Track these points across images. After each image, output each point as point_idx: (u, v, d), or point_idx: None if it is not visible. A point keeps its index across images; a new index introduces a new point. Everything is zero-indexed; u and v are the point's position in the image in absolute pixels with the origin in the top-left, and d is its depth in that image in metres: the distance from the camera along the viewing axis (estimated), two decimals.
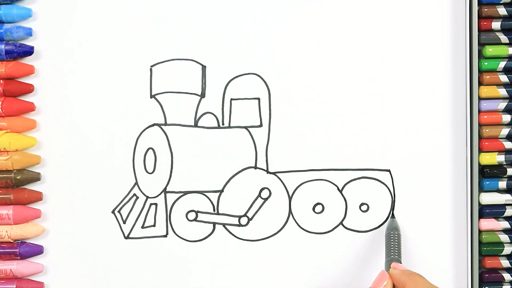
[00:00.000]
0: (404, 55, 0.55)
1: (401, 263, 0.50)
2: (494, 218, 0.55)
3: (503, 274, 0.55)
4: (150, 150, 0.55)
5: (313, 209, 0.55)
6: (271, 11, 0.55)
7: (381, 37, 0.55)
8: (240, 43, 0.55)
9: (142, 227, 0.55)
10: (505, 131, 0.55)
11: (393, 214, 0.55)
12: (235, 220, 0.55)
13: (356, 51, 0.55)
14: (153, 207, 0.55)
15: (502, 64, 0.55)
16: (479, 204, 0.55)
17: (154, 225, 0.55)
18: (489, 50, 0.54)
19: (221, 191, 0.55)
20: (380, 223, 0.55)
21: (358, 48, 0.55)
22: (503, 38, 0.54)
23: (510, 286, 0.55)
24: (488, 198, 0.55)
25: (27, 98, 0.55)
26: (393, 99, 0.55)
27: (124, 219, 0.55)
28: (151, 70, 0.55)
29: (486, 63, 0.55)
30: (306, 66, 0.55)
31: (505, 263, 0.55)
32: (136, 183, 0.55)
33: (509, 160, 0.55)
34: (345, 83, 0.55)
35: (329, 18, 0.55)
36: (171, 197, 0.55)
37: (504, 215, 0.55)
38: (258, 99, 0.55)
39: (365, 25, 0.55)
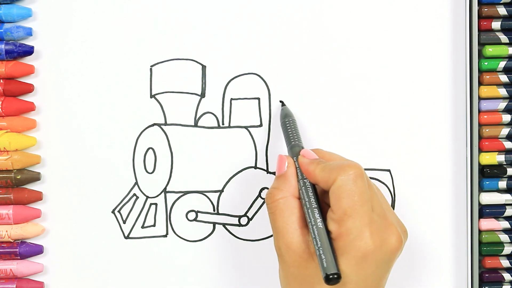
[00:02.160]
0: (404, 55, 0.55)
1: (303, 148, 0.48)
2: (494, 218, 0.55)
3: (503, 274, 0.55)
4: (150, 150, 0.55)
5: None
6: (271, 11, 0.55)
7: (381, 37, 0.55)
8: (240, 43, 0.55)
9: (142, 227, 0.55)
10: (505, 131, 0.55)
11: (283, 102, 0.54)
12: (235, 220, 0.55)
13: (356, 51, 0.55)
14: (153, 207, 0.55)
15: (502, 64, 0.55)
16: (479, 204, 0.55)
17: (154, 225, 0.55)
18: (489, 50, 0.54)
19: (221, 191, 0.55)
20: None
21: (358, 48, 0.55)
22: (503, 38, 0.54)
23: (510, 286, 0.55)
24: (488, 198, 0.55)
25: (27, 98, 0.55)
26: (393, 99, 0.55)
27: (124, 219, 0.55)
28: (151, 70, 0.55)
29: (486, 63, 0.55)
30: (306, 66, 0.55)
31: (505, 263, 0.55)
32: (136, 183, 0.55)
33: (509, 160, 0.55)
34: (345, 83, 0.55)
35: (329, 19, 0.55)
36: (171, 197, 0.55)
37: (504, 215, 0.55)
38: (258, 99, 0.55)
39: (365, 25, 0.55)
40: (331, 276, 0.40)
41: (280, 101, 0.54)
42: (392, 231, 0.43)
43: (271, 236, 0.55)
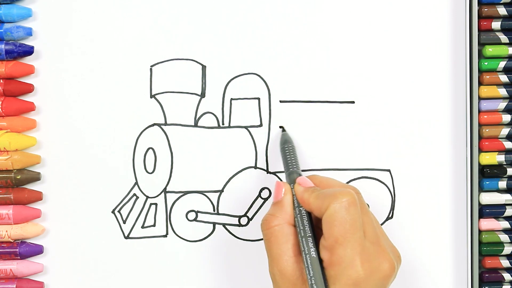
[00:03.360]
0: (404, 55, 0.55)
1: (301, 175, 0.48)
2: (494, 218, 0.55)
3: (503, 274, 0.55)
4: (150, 150, 0.55)
5: None
6: (271, 11, 0.55)
7: (381, 37, 0.55)
8: (240, 43, 0.55)
9: (142, 227, 0.55)
10: (505, 131, 0.55)
11: (283, 128, 0.55)
12: (235, 220, 0.55)
13: (356, 51, 0.55)
14: (153, 207, 0.55)
15: (502, 64, 0.55)
16: (479, 204, 0.55)
17: (154, 225, 0.55)
18: (489, 50, 0.54)
19: (221, 191, 0.55)
20: (380, 223, 0.55)
21: (358, 48, 0.55)
22: (503, 38, 0.54)
23: (510, 286, 0.55)
24: (488, 198, 0.55)
25: (27, 98, 0.55)
26: (393, 99, 0.55)
27: (124, 219, 0.55)
28: (151, 70, 0.55)
29: (486, 63, 0.55)
30: (306, 66, 0.55)
31: (505, 263, 0.55)
32: (136, 183, 0.55)
33: (509, 160, 0.55)
34: (345, 83, 0.55)
35: (329, 19, 0.55)
36: (171, 197, 0.55)
37: (504, 215, 0.55)
38: (258, 99, 0.55)
39: (365, 25, 0.55)
40: None
41: (280, 127, 0.54)
42: (384, 258, 0.43)
43: None
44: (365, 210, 0.45)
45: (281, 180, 0.55)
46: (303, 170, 0.55)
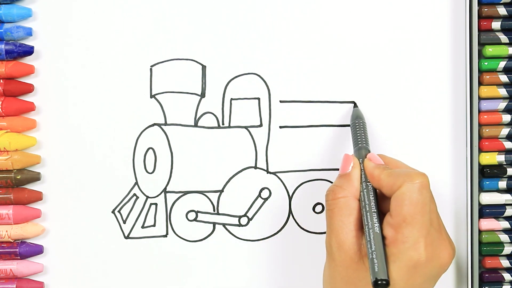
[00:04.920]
0: (404, 55, 0.55)
1: (370, 151, 0.48)
2: (494, 218, 0.55)
3: (503, 274, 0.55)
4: (150, 150, 0.55)
5: (313, 209, 0.55)
6: (271, 11, 0.55)
7: (381, 37, 0.55)
8: (240, 43, 0.55)
9: (142, 227, 0.55)
10: (505, 131, 0.55)
11: (355, 103, 0.55)
12: (235, 220, 0.55)
13: (356, 51, 0.55)
14: (153, 207, 0.55)
15: (502, 64, 0.55)
16: (479, 204, 0.55)
17: (154, 225, 0.55)
18: (489, 50, 0.54)
19: (221, 191, 0.55)
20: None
21: (358, 48, 0.55)
22: (503, 38, 0.54)
23: (510, 286, 0.55)
24: (488, 198, 0.55)
25: (27, 98, 0.55)
26: (393, 99, 0.55)
27: (124, 219, 0.55)
28: (151, 70, 0.55)
29: (486, 63, 0.55)
30: (306, 66, 0.55)
31: (505, 263, 0.55)
32: (136, 183, 0.55)
33: (509, 160, 0.55)
34: (345, 83, 0.55)
35: (329, 19, 0.55)
36: (171, 197, 0.55)
37: (504, 215, 0.55)
38: (258, 99, 0.55)
39: (365, 25, 0.55)
40: (379, 282, 0.41)
41: (353, 102, 0.54)
42: (445, 246, 0.43)
43: (271, 236, 0.55)
44: (433, 197, 0.44)
45: (281, 181, 0.55)
46: (303, 170, 0.55)
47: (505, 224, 0.55)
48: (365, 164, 0.46)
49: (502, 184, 0.55)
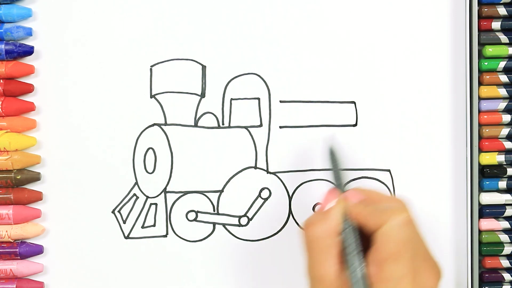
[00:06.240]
0: (404, 55, 0.55)
1: (349, 188, 0.47)
2: (494, 218, 0.55)
3: (503, 274, 0.55)
4: (150, 150, 0.55)
5: (313, 209, 0.55)
6: (271, 11, 0.55)
7: (381, 37, 0.55)
8: (240, 43, 0.55)
9: (142, 227, 0.55)
10: (505, 131, 0.55)
11: (332, 136, 0.54)
12: (235, 220, 0.55)
13: (356, 51, 0.55)
14: (153, 207, 0.55)
15: (502, 64, 0.55)
16: (479, 204, 0.55)
17: (154, 225, 0.55)
18: (489, 50, 0.54)
19: (221, 191, 0.55)
20: None
21: (358, 48, 0.55)
22: (503, 38, 0.54)
23: (510, 286, 0.55)
24: (488, 198, 0.55)
25: (27, 98, 0.55)
26: (393, 99, 0.55)
27: (124, 219, 0.55)
28: (151, 70, 0.55)
29: (486, 63, 0.55)
30: (306, 66, 0.55)
31: (505, 263, 0.55)
32: (136, 183, 0.55)
33: (509, 160, 0.55)
34: (345, 83, 0.55)
35: (329, 19, 0.55)
36: (171, 197, 0.55)
37: (504, 215, 0.55)
38: (258, 99, 0.55)
39: (365, 25, 0.55)
40: None
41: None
42: (431, 274, 0.43)
43: (271, 236, 0.55)
44: (417, 229, 0.44)
45: (281, 181, 0.55)
46: (303, 170, 0.55)
47: (505, 224, 0.55)
48: (346, 202, 0.45)
49: (502, 184, 0.55)
